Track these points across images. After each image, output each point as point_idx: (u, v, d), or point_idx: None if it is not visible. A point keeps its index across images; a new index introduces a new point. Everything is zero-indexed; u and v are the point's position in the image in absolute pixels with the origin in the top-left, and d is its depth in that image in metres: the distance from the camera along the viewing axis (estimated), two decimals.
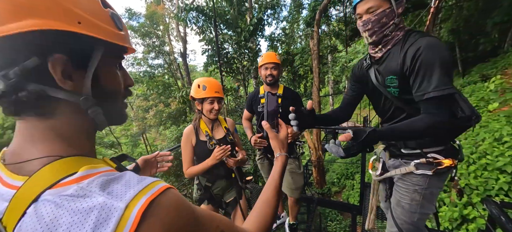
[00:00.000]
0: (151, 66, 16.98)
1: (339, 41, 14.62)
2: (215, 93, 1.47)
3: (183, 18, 8.97)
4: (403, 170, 1.14)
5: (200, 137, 1.54)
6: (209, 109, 1.48)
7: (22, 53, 0.32)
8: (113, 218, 0.28)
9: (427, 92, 0.89)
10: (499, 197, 2.75)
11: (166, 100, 15.03)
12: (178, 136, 6.96)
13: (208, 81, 1.49)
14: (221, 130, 1.62)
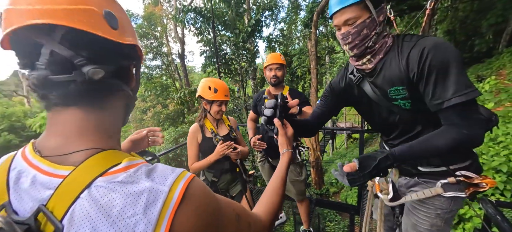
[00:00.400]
0: (149, 67, 16.93)
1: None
2: (224, 97, 1.57)
3: (181, 19, 8.98)
4: (427, 193, 0.93)
5: (206, 134, 1.65)
6: (217, 111, 1.60)
7: (122, 56, 0.43)
8: (160, 199, 0.34)
9: (447, 99, 0.74)
10: (494, 196, 2.79)
11: (164, 101, 15.00)
12: (177, 138, 6.94)
13: (219, 84, 1.58)
14: (225, 127, 1.73)
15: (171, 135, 7.23)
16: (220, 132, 1.69)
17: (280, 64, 1.85)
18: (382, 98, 0.93)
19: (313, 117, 1.19)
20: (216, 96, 1.54)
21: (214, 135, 1.63)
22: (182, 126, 7.41)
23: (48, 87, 0.36)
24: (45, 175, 0.36)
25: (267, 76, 1.89)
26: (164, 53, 17.43)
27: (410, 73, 0.81)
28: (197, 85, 9.30)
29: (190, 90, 9.17)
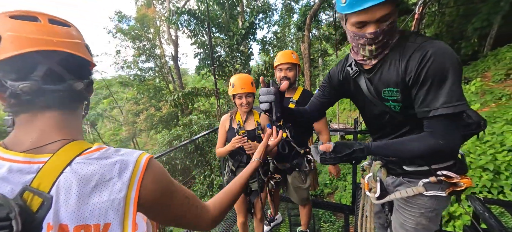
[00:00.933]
0: (141, 69, 16.69)
1: (329, 45, 14.95)
2: (241, 90, 1.61)
3: (174, 21, 8.92)
4: (410, 191, 0.95)
5: (232, 124, 1.73)
6: (239, 104, 1.66)
7: (88, 72, 0.55)
8: (130, 166, 0.46)
9: (435, 108, 0.74)
10: (482, 194, 2.88)
11: (157, 103, 14.81)
12: (170, 141, 6.84)
13: (237, 78, 1.64)
14: (253, 122, 1.74)
15: (164, 138, 7.13)
16: (247, 126, 1.72)
17: (291, 63, 1.69)
18: (375, 97, 0.92)
19: (312, 107, 1.17)
20: (234, 91, 1.63)
21: (239, 127, 1.69)
22: (176, 129, 7.32)
23: (38, 94, 0.45)
24: (23, 164, 0.42)
25: (277, 77, 1.77)
26: (157, 55, 17.23)
27: (406, 76, 0.80)
28: (190, 88, 9.25)
29: (184, 93, 9.10)
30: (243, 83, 1.61)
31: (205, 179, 6.13)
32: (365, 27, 0.79)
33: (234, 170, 1.78)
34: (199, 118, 7.60)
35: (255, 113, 1.78)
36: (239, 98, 1.65)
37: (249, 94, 1.66)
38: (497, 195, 2.76)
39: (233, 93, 1.64)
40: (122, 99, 18.40)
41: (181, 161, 6.56)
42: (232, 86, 1.64)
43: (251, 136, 1.67)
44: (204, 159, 6.50)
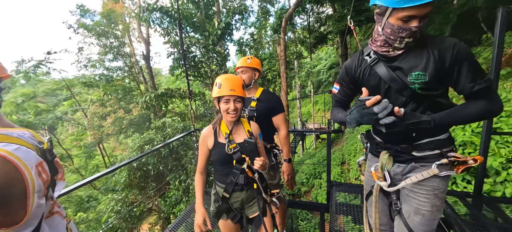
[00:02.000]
0: (108, 68, 15.42)
1: (304, 47, 15.47)
2: (230, 91, 1.28)
3: (145, 18, 8.42)
4: (425, 174, 1.03)
5: (219, 139, 1.40)
6: (225, 109, 1.32)
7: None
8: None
9: (477, 83, 0.92)
10: None
11: (127, 106, 13.81)
12: (141, 145, 6.41)
13: (224, 78, 1.33)
14: (243, 133, 1.43)
15: (135, 142, 6.66)
16: (236, 138, 1.40)
17: (245, 67, 1.82)
18: (399, 80, 1.03)
19: (345, 106, 1.29)
20: (219, 92, 1.30)
21: (228, 141, 1.36)
22: (148, 133, 6.88)
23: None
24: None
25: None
26: (127, 53, 16.10)
27: (442, 62, 0.95)
28: (164, 89, 8.81)
29: (157, 94, 8.62)
30: (233, 84, 1.30)
31: (181, 184, 5.85)
32: (411, 22, 0.91)
33: (227, 197, 1.40)
34: (174, 120, 7.24)
35: (244, 121, 1.49)
36: (226, 103, 1.32)
37: (239, 98, 1.34)
38: (451, 185, 3.07)
39: (219, 95, 1.31)
40: (86, 101, 16.80)
41: (154, 167, 6.18)
42: (217, 87, 1.33)
43: (245, 151, 1.35)
44: (179, 163, 6.21)
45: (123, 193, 6.58)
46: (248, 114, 1.79)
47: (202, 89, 13.14)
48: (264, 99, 1.82)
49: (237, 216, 1.41)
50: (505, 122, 3.06)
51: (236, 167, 1.35)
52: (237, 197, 1.42)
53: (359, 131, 8.85)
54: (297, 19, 14.48)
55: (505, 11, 1.44)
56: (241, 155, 1.33)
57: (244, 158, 1.34)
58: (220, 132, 1.41)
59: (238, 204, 1.44)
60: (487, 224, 1.65)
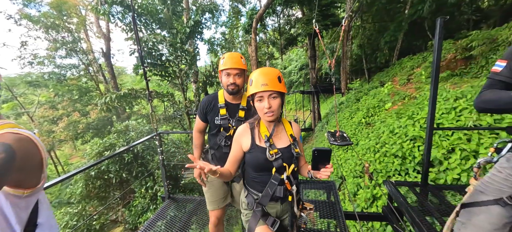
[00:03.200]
0: (60, 66, 13.71)
1: (275, 49, 15.79)
2: (261, 87, 1.08)
3: (103, 12, 7.67)
4: None
5: (257, 141, 1.18)
6: (261, 109, 1.12)
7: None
8: None
9: None
10: (395, 177, 3.53)
11: (84, 108, 12.45)
12: (101, 151, 5.81)
13: (257, 74, 1.13)
14: (285, 136, 1.21)
15: (93, 148, 6.01)
16: (277, 142, 1.18)
17: (241, 69, 1.45)
18: None
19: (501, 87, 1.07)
20: (252, 89, 1.12)
21: (270, 146, 1.14)
22: (109, 137, 6.27)
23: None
24: None
25: (223, 82, 1.47)
26: (83, 50, 14.50)
27: None
28: (127, 89, 8.15)
29: (119, 95, 7.93)
30: (265, 78, 1.08)
31: (147, 191, 5.46)
32: None
33: (264, 205, 1.23)
34: (139, 123, 6.72)
35: (285, 122, 1.25)
36: (260, 101, 1.11)
37: (275, 94, 1.09)
38: (405, 176, 3.41)
39: (251, 92, 1.12)
40: (32, 103, 14.65)
41: (116, 174, 5.65)
42: (249, 84, 1.14)
43: (285, 157, 1.15)
44: (145, 169, 5.78)
45: (80, 206, 5.88)
46: (235, 126, 1.52)
47: (171, 90, 12.50)
48: (249, 108, 1.56)
49: (276, 222, 1.21)
50: (445, 118, 3.51)
51: (274, 177, 1.15)
52: (272, 208, 1.24)
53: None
54: (268, 20, 14.73)
55: (442, 20, 1.63)
56: (283, 162, 1.14)
57: (285, 166, 1.14)
58: (259, 134, 1.19)
59: (274, 213, 1.26)
60: (432, 210, 1.86)
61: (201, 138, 1.68)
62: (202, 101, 1.58)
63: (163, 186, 2.48)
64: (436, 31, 1.64)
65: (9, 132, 0.75)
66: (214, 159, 1.63)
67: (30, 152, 0.75)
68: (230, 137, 1.50)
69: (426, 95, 5.07)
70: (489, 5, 9.19)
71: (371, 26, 12.11)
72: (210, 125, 1.59)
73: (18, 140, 0.72)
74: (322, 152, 0.95)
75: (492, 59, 5.20)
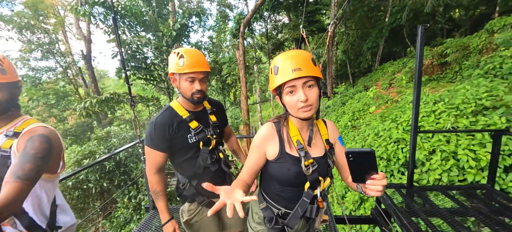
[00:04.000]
0: (35, 69, 12.86)
1: (263, 53, 15.92)
2: (293, 73, 0.80)
3: (84, 12, 7.32)
4: None
5: (287, 149, 0.91)
6: (293, 104, 0.84)
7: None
8: None
9: None
10: None
11: (61, 113, 11.73)
12: (79, 160, 5.46)
13: (285, 57, 0.84)
14: (321, 142, 0.96)
15: (70, 157, 5.64)
16: (312, 151, 0.93)
17: (207, 72, 1.16)
18: None
19: None
20: (279, 79, 0.84)
21: (305, 153, 0.89)
22: (88, 144, 5.92)
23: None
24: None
25: (184, 89, 1.13)
26: (61, 52, 13.74)
27: None
28: (109, 93, 7.79)
29: (100, 99, 7.56)
30: (297, 62, 0.81)
31: (130, 201, 5.19)
32: None
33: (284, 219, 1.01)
34: (121, 129, 6.41)
35: (320, 123, 1.01)
36: (291, 92, 0.84)
37: (312, 80, 0.83)
38: (390, 178, 3.51)
39: (279, 83, 0.83)
40: None
41: (96, 183, 5.33)
42: (274, 73, 0.86)
43: (322, 169, 0.91)
44: (128, 177, 5.50)
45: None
46: (214, 134, 1.26)
47: (157, 94, 12.14)
48: (216, 108, 1.35)
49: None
50: (426, 121, 3.68)
51: (307, 194, 0.91)
52: (297, 225, 1.04)
53: None
54: (255, 25, 14.85)
55: (423, 28, 1.70)
56: (318, 176, 0.90)
57: (320, 180, 0.91)
58: (290, 139, 0.92)
59: (297, 229, 1.07)
60: (417, 210, 1.91)
61: (162, 179, 1.22)
62: (156, 125, 1.12)
63: (148, 195, 2.35)
64: (417, 38, 1.71)
65: (41, 126, 0.89)
66: (203, 188, 1.16)
67: (58, 142, 0.92)
68: (214, 150, 1.25)
69: (407, 98, 5.30)
70: (460, 15, 9.91)
71: (354, 33, 12.59)
72: (180, 150, 1.19)
73: (51, 132, 0.88)
74: (359, 155, 0.66)
75: (465, 65, 5.56)
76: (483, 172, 2.60)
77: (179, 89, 1.15)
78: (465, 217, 2.03)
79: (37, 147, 0.79)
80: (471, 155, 2.74)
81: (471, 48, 5.74)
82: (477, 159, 2.69)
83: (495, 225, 1.61)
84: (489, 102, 3.11)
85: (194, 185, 1.24)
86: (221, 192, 0.65)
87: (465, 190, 2.17)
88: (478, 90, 3.43)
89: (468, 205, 1.95)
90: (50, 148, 0.83)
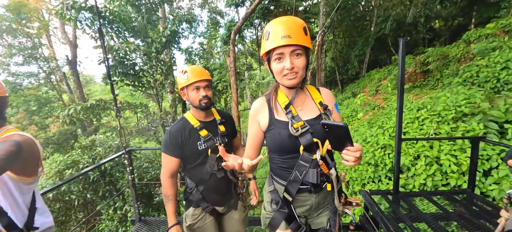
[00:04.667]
0: (15, 74, 12.29)
1: (253, 60, 16.05)
2: (282, 40, 0.82)
3: (70, 17, 7.13)
4: None
5: (275, 115, 0.94)
6: (279, 70, 0.87)
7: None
8: None
9: None
10: (369, 184, 3.69)
11: (43, 120, 11.21)
12: (61, 170, 5.20)
13: (276, 24, 0.87)
14: (313, 105, 0.96)
15: (52, 167, 5.36)
16: (303, 114, 0.93)
17: (209, 80, 1.32)
18: None
19: None
20: (270, 44, 0.87)
21: (292, 117, 0.90)
22: (71, 154, 5.66)
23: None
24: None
25: (192, 98, 1.28)
26: (44, 57, 13.23)
27: None
28: (95, 100, 7.54)
29: (85, 106, 7.30)
30: (287, 29, 0.82)
31: (116, 212, 4.97)
32: None
33: (290, 201, 0.98)
34: (107, 137, 6.18)
35: (311, 88, 1.02)
36: (279, 60, 0.86)
37: (300, 49, 0.85)
38: (378, 183, 3.58)
39: (268, 49, 0.86)
40: None
41: (79, 195, 5.07)
42: (265, 38, 0.89)
43: (317, 131, 0.89)
44: (113, 188, 5.29)
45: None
46: (222, 142, 1.34)
47: (146, 100, 11.88)
48: (225, 119, 1.43)
49: (302, 228, 0.98)
50: (410, 127, 3.81)
51: (303, 157, 0.89)
52: (305, 201, 0.98)
53: None
54: (246, 32, 15.00)
55: (404, 41, 1.79)
56: (313, 138, 0.87)
57: (317, 143, 0.88)
58: (277, 105, 0.95)
59: (305, 210, 1.01)
60: (403, 217, 1.95)
61: (175, 184, 1.34)
62: (171, 132, 1.28)
63: (134, 208, 2.27)
64: (399, 51, 1.78)
65: (17, 134, 0.99)
66: (208, 194, 1.34)
67: (32, 148, 1.01)
68: (221, 158, 1.28)
69: (392, 105, 5.48)
70: (440, 26, 10.48)
71: (342, 41, 12.98)
72: (190, 156, 1.30)
73: (24, 139, 0.97)
74: (334, 127, 0.70)
75: (445, 73, 5.85)
76: (464, 176, 2.71)
77: (189, 101, 1.31)
78: (448, 222, 2.10)
79: (3, 148, 0.87)
80: (453, 160, 2.85)
81: (450, 57, 6.05)
82: (458, 164, 2.81)
83: (475, 230, 1.67)
84: (468, 109, 3.28)
85: (201, 190, 1.33)
86: (230, 158, 0.73)
87: (448, 195, 2.24)
88: (458, 98, 3.60)
89: (451, 209, 2.02)
90: (17, 152, 0.90)
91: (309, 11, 12.66)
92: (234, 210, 1.47)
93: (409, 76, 7.09)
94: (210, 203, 1.35)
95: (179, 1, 15.50)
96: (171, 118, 8.88)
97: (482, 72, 4.25)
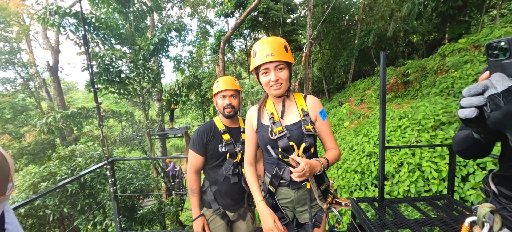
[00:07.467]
0: None
1: (243, 69, 16.18)
2: (266, 57, 1.00)
3: (53, 22, 6.89)
4: None
5: (262, 120, 1.12)
6: (266, 83, 1.03)
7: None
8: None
9: None
10: (356, 192, 3.75)
11: (17, 129, 10.51)
12: (36, 183, 4.85)
13: (261, 43, 1.03)
14: (296, 112, 1.10)
15: (26, 179, 4.99)
16: (286, 120, 1.09)
17: (236, 90, 1.44)
18: None
19: None
20: (257, 61, 1.04)
21: (273, 123, 1.06)
22: (48, 164, 5.32)
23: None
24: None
25: (219, 105, 1.44)
26: (23, 62, 12.58)
27: None
28: (77, 108, 7.21)
29: (65, 114, 6.96)
30: (270, 47, 0.99)
31: (95, 227, 4.68)
32: None
33: (273, 192, 1.14)
34: (89, 147, 5.88)
35: (298, 96, 1.14)
36: (265, 73, 1.03)
37: (282, 65, 1.01)
38: (365, 190, 3.65)
39: (256, 65, 1.03)
40: None
41: (55, 209, 4.73)
42: (253, 56, 1.07)
43: (294, 135, 1.04)
44: (94, 201, 4.99)
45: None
46: (241, 150, 1.45)
47: (131, 108, 11.53)
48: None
49: (285, 219, 1.14)
50: (393, 135, 3.95)
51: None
52: (286, 195, 1.13)
53: None
54: (236, 42, 15.17)
55: (384, 54, 1.89)
56: (288, 142, 1.02)
57: (292, 146, 1.03)
58: (264, 112, 1.13)
59: (288, 203, 1.15)
60: (389, 224, 1.99)
61: (198, 179, 1.47)
62: (199, 132, 1.43)
63: (115, 222, 2.15)
64: (380, 64, 1.88)
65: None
66: (219, 196, 1.45)
67: (1, 165, 0.87)
68: (238, 164, 1.44)
69: (376, 114, 5.69)
70: (417, 40, 11.17)
71: (328, 52, 13.46)
72: (211, 156, 1.43)
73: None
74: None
75: (424, 84, 6.20)
76: (444, 182, 2.83)
77: (217, 107, 1.45)
78: (431, 227, 2.17)
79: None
80: (433, 166, 2.98)
81: (428, 69, 6.44)
82: (438, 170, 2.93)
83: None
84: (445, 118, 3.47)
85: (214, 191, 1.44)
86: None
87: (430, 201, 2.33)
88: (435, 107, 3.81)
89: (433, 215, 2.09)
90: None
91: (296, 24, 13.08)
92: (243, 220, 1.53)
93: (391, 86, 7.43)
94: (221, 205, 1.45)
95: (168, 10, 15.51)
96: (157, 127, 8.64)
97: (456, 83, 4.54)
